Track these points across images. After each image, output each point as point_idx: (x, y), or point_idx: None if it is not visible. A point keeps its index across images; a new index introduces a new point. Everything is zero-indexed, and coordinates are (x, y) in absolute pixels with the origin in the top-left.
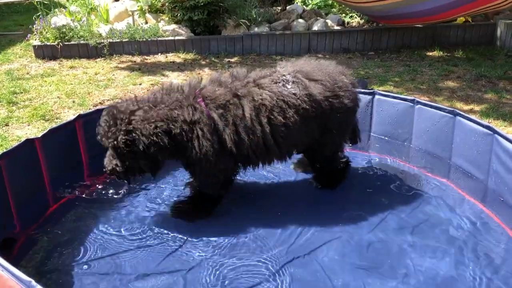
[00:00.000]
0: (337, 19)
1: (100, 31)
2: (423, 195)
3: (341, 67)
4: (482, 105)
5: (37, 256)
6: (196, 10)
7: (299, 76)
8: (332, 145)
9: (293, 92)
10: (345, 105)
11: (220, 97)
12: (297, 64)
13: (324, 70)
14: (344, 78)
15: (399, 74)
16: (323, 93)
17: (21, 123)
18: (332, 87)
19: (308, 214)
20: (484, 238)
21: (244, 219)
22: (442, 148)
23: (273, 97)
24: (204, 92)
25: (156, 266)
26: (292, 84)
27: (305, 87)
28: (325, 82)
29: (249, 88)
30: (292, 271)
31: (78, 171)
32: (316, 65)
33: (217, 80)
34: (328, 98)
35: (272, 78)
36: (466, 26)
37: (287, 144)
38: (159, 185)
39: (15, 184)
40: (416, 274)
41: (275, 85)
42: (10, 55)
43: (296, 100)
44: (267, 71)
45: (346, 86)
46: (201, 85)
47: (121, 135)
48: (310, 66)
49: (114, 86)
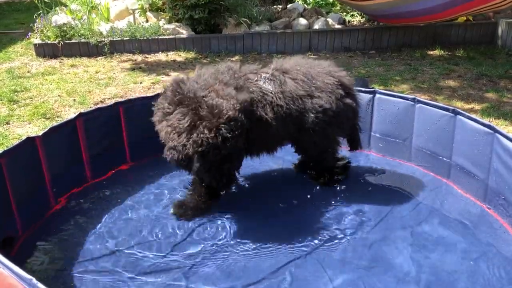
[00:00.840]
0: (338, 17)
1: (101, 30)
2: (424, 194)
3: (333, 68)
4: (483, 104)
5: (37, 254)
6: (197, 9)
7: (276, 74)
8: (312, 144)
9: (270, 90)
10: (320, 106)
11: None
12: (287, 62)
13: (304, 68)
14: (328, 79)
15: (400, 73)
16: (296, 91)
17: (22, 122)
18: (307, 87)
19: (307, 214)
20: (485, 236)
21: (242, 219)
22: (443, 147)
23: (257, 91)
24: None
25: (158, 263)
26: (269, 82)
27: (281, 83)
28: (299, 81)
29: (245, 80)
30: (292, 271)
31: (79, 170)
32: (300, 64)
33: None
34: (302, 97)
35: (256, 75)
36: (467, 25)
37: (270, 136)
38: (159, 184)
39: (15, 182)
40: (417, 273)
41: (256, 82)
42: (11, 53)
43: (272, 97)
44: (254, 66)
45: (325, 87)
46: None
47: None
48: (291, 65)
49: (115, 85)
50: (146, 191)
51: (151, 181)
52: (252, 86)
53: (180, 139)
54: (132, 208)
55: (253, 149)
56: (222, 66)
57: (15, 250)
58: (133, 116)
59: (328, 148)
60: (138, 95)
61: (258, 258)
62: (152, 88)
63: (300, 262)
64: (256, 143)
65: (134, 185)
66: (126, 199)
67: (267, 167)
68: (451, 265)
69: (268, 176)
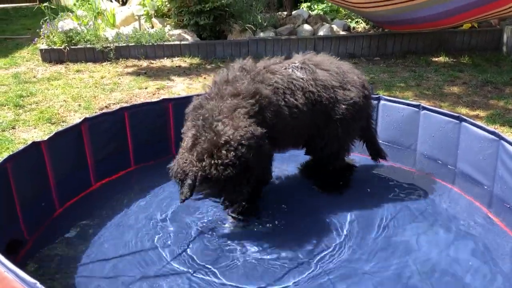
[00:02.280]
0: (343, 24)
1: (107, 35)
2: (429, 201)
3: (356, 69)
4: (488, 111)
5: (42, 258)
6: (202, 15)
7: (307, 63)
8: (336, 139)
9: (300, 77)
10: (351, 98)
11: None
12: (311, 57)
13: (335, 63)
14: (354, 76)
15: (405, 80)
16: (329, 81)
17: (28, 126)
18: (340, 79)
19: (311, 219)
20: (490, 243)
21: (248, 224)
22: (448, 154)
23: (284, 79)
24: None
25: (162, 268)
26: (300, 70)
27: (312, 72)
28: (333, 72)
29: (263, 75)
30: (296, 276)
31: (84, 174)
32: (329, 59)
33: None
34: (334, 88)
35: (281, 65)
36: (472, 32)
37: (299, 126)
38: (164, 189)
39: (21, 187)
40: (421, 279)
41: (285, 70)
42: (18, 58)
43: (303, 83)
44: (276, 59)
45: (354, 82)
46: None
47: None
48: (320, 58)
49: (120, 90)
50: (150, 196)
51: (155, 186)
52: (275, 75)
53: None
54: (135, 213)
55: (280, 142)
56: (236, 68)
57: (20, 254)
58: (138, 121)
59: (345, 145)
60: (143, 100)
61: (261, 263)
62: (157, 93)
63: (304, 269)
64: (284, 134)
65: (138, 190)
66: (130, 204)
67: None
68: (456, 272)
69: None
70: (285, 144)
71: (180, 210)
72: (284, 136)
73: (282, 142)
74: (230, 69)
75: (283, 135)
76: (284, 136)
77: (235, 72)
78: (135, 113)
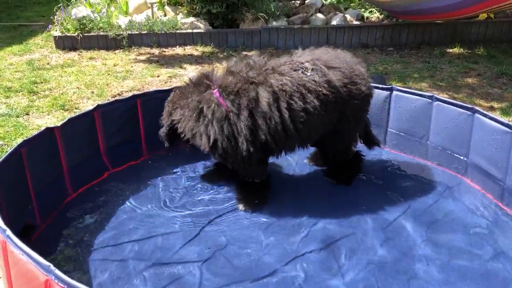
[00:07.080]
0: (356, 13)
1: (120, 23)
2: (440, 192)
3: (355, 58)
4: (503, 103)
5: (56, 242)
6: (215, 3)
7: (318, 64)
8: (348, 133)
9: (313, 79)
10: (362, 91)
11: (232, 85)
12: (314, 52)
13: (342, 59)
14: (359, 67)
15: (418, 71)
16: (341, 79)
17: (41, 113)
18: (350, 75)
19: (320, 210)
20: (502, 236)
21: (256, 213)
22: (460, 145)
23: (294, 82)
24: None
25: (173, 255)
26: (311, 71)
27: (324, 74)
28: (344, 69)
29: (267, 75)
30: (304, 266)
31: (96, 161)
32: (334, 54)
33: (230, 70)
34: (347, 85)
35: (291, 66)
36: (487, 23)
37: (306, 129)
38: (175, 177)
39: (35, 172)
40: (431, 271)
41: (295, 72)
42: (32, 45)
43: (316, 86)
44: (286, 59)
45: (362, 74)
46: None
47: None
48: (327, 55)
49: (132, 78)
50: (161, 184)
51: (167, 174)
52: (284, 77)
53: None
54: (146, 201)
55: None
56: (249, 60)
57: (34, 237)
58: (150, 109)
59: (355, 136)
60: (155, 88)
61: (271, 253)
62: (169, 81)
63: (314, 257)
64: (284, 137)
65: (149, 178)
66: (141, 191)
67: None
68: (465, 264)
69: (280, 170)
70: (288, 146)
71: (192, 199)
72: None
73: (278, 146)
74: (239, 61)
75: (277, 139)
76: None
77: (241, 66)
78: (147, 101)
